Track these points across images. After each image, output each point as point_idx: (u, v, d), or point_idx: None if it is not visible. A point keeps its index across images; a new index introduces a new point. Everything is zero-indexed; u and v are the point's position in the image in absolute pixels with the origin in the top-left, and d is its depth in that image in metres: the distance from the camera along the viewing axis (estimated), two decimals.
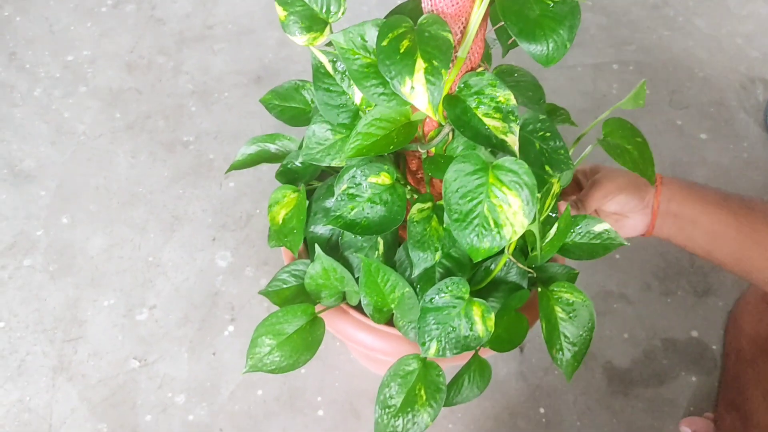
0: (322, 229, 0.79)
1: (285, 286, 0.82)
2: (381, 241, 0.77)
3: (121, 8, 1.41)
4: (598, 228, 0.72)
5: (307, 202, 0.79)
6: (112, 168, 1.20)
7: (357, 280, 0.74)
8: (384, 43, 0.57)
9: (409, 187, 0.78)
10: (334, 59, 0.68)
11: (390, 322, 0.75)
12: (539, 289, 0.72)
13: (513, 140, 0.61)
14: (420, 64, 0.55)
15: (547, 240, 0.67)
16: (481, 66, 0.66)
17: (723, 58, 1.48)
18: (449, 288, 0.66)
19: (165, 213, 1.16)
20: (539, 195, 0.63)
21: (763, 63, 1.47)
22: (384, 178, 0.69)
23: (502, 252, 0.71)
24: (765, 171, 1.30)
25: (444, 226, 0.68)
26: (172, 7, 1.42)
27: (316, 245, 0.74)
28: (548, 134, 0.68)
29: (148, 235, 1.13)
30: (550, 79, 1.40)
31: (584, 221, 0.73)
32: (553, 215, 0.73)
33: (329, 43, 0.66)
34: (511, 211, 0.58)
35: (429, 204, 0.69)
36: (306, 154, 0.73)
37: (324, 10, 0.68)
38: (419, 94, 0.55)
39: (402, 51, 0.56)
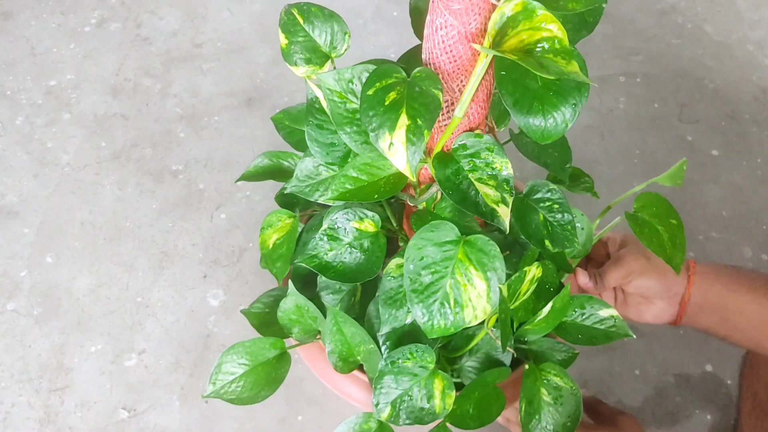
0: None
1: (267, 310, 0.79)
2: (360, 287, 0.73)
3: (105, 27, 1.35)
4: (604, 313, 0.67)
5: (299, 230, 0.75)
6: (98, 201, 1.15)
7: None
8: (369, 92, 0.52)
9: (402, 236, 0.73)
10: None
11: (361, 368, 0.71)
12: (527, 366, 0.67)
13: (505, 212, 0.56)
14: (403, 121, 0.50)
15: (540, 317, 0.62)
16: (484, 126, 0.60)
17: (734, 66, 1.42)
18: (414, 354, 0.62)
19: (154, 248, 1.11)
20: (511, 279, 0.57)
21: None
22: (368, 225, 0.65)
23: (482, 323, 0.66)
24: None
25: None
26: (158, 24, 1.36)
27: (290, 282, 0.70)
28: (556, 205, 0.63)
29: (136, 273, 1.09)
30: None
31: (590, 303, 0.67)
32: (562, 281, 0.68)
33: None
34: (475, 292, 0.53)
35: None
36: (295, 186, 0.69)
37: (327, 44, 0.63)
38: (398, 152, 0.50)
39: (387, 103, 0.51)
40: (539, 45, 0.49)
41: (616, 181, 1.24)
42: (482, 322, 0.63)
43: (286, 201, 0.79)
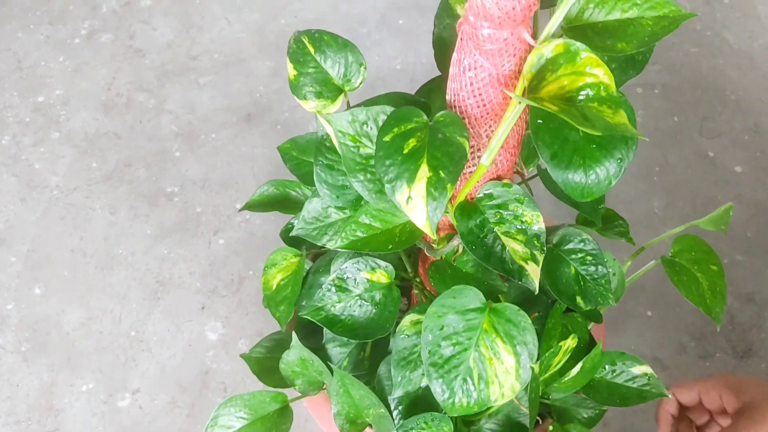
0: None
1: (269, 355, 0.73)
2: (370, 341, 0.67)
3: (96, 39, 1.29)
4: (637, 371, 0.61)
5: (306, 271, 0.69)
6: (89, 227, 1.08)
7: None
8: (386, 138, 0.46)
9: (417, 285, 0.67)
10: None
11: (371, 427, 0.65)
12: (551, 427, 0.61)
13: (534, 270, 0.50)
14: (424, 172, 0.44)
15: (568, 377, 0.56)
16: (512, 174, 0.54)
17: (756, 76, 1.35)
18: (429, 424, 0.56)
19: (148, 277, 1.04)
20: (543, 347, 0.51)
21: None
22: (380, 276, 0.59)
23: None
24: None
25: None
26: (152, 35, 1.30)
27: (293, 333, 0.64)
28: (590, 257, 0.57)
29: (129, 304, 1.02)
30: None
31: (621, 359, 0.61)
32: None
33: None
34: (502, 368, 0.47)
35: None
36: (301, 229, 0.62)
37: (340, 76, 0.57)
38: (417, 207, 0.44)
39: (406, 152, 0.45)
40: (582, 92, 0.43)
41: (636, 202, 1.17)
42: None
43: (293, 237, 0.73)
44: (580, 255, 0.58)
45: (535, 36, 0.54)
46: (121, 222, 1.09)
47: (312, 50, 0.54)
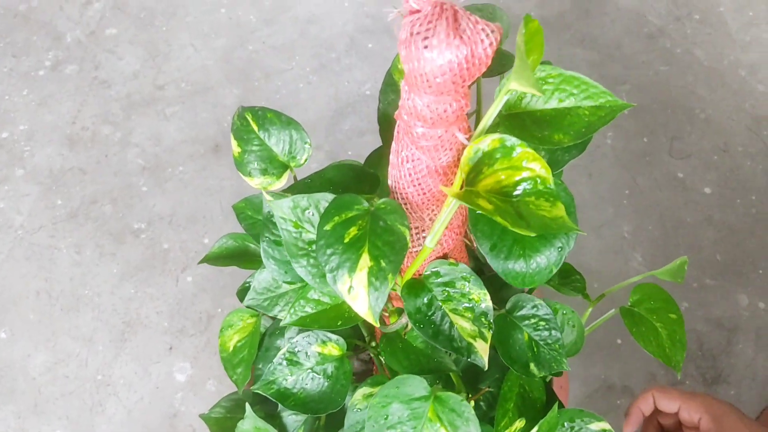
0: None
1: (228, 415, 0.72)
2: None
3: (60, 70, 1.27)
4: (595, 427, 0.61)
5: (262, 333, 0.69)
6: (54, 267, 1.07)
7: None
8: (327, 227, 0.45)
9: (374, 352, 0.66)
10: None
11: None
12: None
13: (483, 347, 0.50)
14: (365, 261, 0.44)
15: None
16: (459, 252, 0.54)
17: (726, 94, 1.35)
18: None
19: (115, 318, 1.03)
20: None
21: None
22: (331, 349, 0.58)
23: None
24: None
25: None
26: (117, 65, 1.28)
27: (247, 404, 0.63)
28: (543, 322, 0.56)
29: (96, 347, 1.01)
30: None
31: (580, 417, 0.61)
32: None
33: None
34: None
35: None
36: (252, 300, 0.62)
37: (285, 153, 0.56)
38: (359, 297, 0.44)
39: (346, 241, 0.45)
40: (519, 186, 0.42)
41: (605, 227, 1.18)
42: None
43: None
44: (533, 321, 0.58)
45: (479, 108, 0.53)
46: (87, 261, 1.08)
47: (256, 127, 0.53)
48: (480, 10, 0.57)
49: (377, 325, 0.47)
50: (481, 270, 0.68)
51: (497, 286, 0.64)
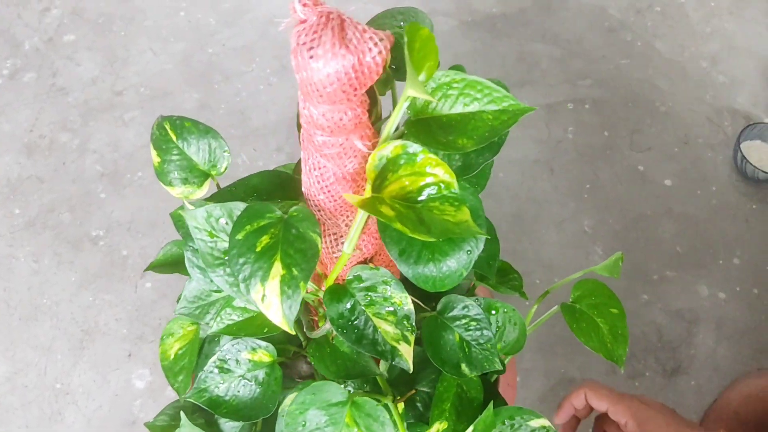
0: None
1: (173, 422, 0.73)
2: None
3: (18, 79, 1.26)
4: (535, 424, 0.61)
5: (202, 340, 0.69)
6: (12, 277, 1.07)
7: None
8: (239, 236, 0.45)
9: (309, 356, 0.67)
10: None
11: None
12: None
13: (407, 350, 0.50)
14: (277, 270, 0.44)
15: None
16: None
17: (687, 86, 1.36)
18: None
19: (73, 327, 1.03)
20: None
21: (730, 89, 1.36)
22: (261, 356, 0.58)
23: None
24: (736, 219, 1.20)
25: None
26: (75, 71, 1.27)
27: (182, 413, 0.63)
28: (474, 322, 0.57)
29: (54, 356, 1.01)
30: None
31: (519, 414, 0.61)
32: None
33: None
34: None
35: None
36: (184, 308, 0.62)
37: (205, 162, 0.56)
38: (273, 305, 0.44)
39: (259, 249, 0.45)
40: (424, 192, 0.43)
41: (566, 222, 1.18)
42: None
43: None
44: (464, 321, 0.58)
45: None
46: (45, 270, 1.07)
47: (174, 137, 0.53)
48: (402, 13, 0.57)
49: (293, 332, 0.47)
50: None
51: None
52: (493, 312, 0.67)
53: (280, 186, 0.56)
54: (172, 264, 0.76)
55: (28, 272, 1.07)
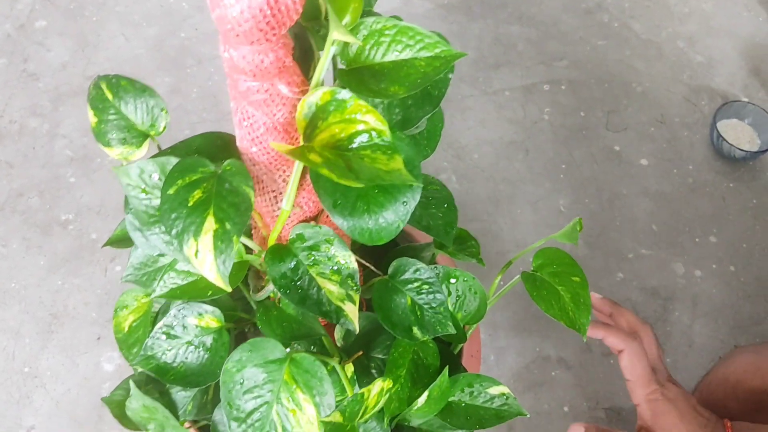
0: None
1: (129, 395, 0.72)
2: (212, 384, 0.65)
3: None
4: (495, 391, 0.60)
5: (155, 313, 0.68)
6: None
7: None
8: (171, 191, 0.44)
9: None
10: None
11: None
12: None
13: (352, 310, 0.49)
14: (210, 224, 0.43)
15: (417, 406, 0.55)
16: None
17: (663, 67, 1.35)
18: None
19: (42, 311, 1.02)
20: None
21: (707, 69, 1.35)
22: (209, 321, 0.57)
23: None
24: (712, 197, 1.19)
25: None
26: (46, 57, 1.26)
27: (131, 382, 0.62)
28: (426, 285, 0.56)
29: (23, 340, 1.00)
30: (476, 108, 1.27)
31: (478, 381, 0.61)
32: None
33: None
34: (305, 418, 0.46)
35: None
36: (130, 275, 0.61)
37: (143, 122, 0.55)
38: (206, 260, 0.43)
39: (191, 204, 0.44)
40: (355, 139, 0.42)
41: (542, 201, 1.17)
42: None
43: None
44: (416, 285, 0.58)
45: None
46: (13, 255, 1.06)
47: (110, 96, 0.52)
48: None
49: (229, 290, 0.46)
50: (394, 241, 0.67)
51: (380, 253, 0.63)
52: (453, 281, 0.67)
53: (223, 148, 0.55)
54: (131, 239, 0.75)
55: None
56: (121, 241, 0.75)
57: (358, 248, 0.62)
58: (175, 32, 1.31)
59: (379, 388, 0.48)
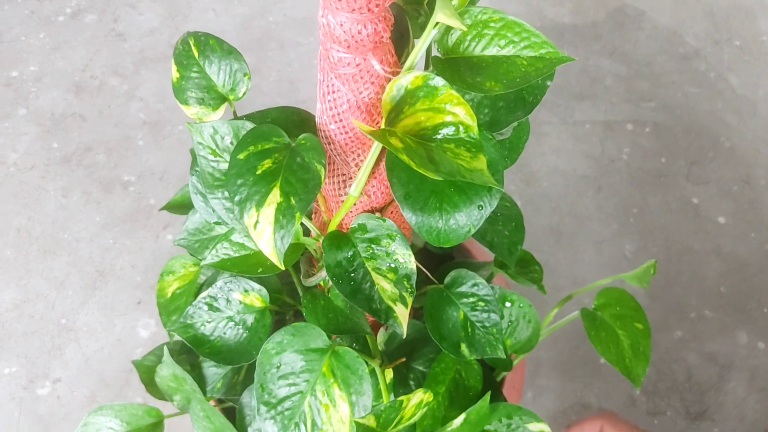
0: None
1: (160, 363, 0.70)
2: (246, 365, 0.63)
3: (80, 19, 1.27)
4: (534, 428, 0.56)
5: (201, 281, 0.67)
6: (39, 207, 1.07)
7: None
8: (241, 156, 0.42)
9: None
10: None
11: None
12: None
13: (403, 312, 0.46)
14: (275, 196, 0.40)
15: (450, 428, 0.52)
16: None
17: (755, 125, 1.29)
18: None
19: (89, 266, 1.02)
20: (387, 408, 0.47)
21: None
22: (253, 300, 0.55)
23: None
24: None
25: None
26: (136, 20, 1.28)
27: (165, 348, 0.61)
28: (482, 303, 0.53)
29: (65, 291, 1.00)
30: (552, 136, 1.23)
31: (518, 414, 0.57)
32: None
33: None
34: (337, 416, 0.43)
35: None
36: (183, 239, 0.59)
37: (224, 84, 0.53)
38: (264, 233, 0.40)
39: (259, 173, 0.41)
40: (440, 131, 0.39)
41: (607, 242, 1.12)
42: None
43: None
44: (471, 300, 0.54)
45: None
46: (72, 206, 1.07)
47: (196, 53, 0.51)
48: None
49: (281, 268, 0.44)
50: None
51: (435, 264, 0.60)
52: (508, 304, 0.63)
53: (299, 124, 0.53)
54: (189, 205, 0.74)
55: (55, 206, 1.07)
56: (179, 207, 0.74)
57: (414, 253, 0.59)
58: (264, 14, 1.31)
59: (418, 400, 0.45)
